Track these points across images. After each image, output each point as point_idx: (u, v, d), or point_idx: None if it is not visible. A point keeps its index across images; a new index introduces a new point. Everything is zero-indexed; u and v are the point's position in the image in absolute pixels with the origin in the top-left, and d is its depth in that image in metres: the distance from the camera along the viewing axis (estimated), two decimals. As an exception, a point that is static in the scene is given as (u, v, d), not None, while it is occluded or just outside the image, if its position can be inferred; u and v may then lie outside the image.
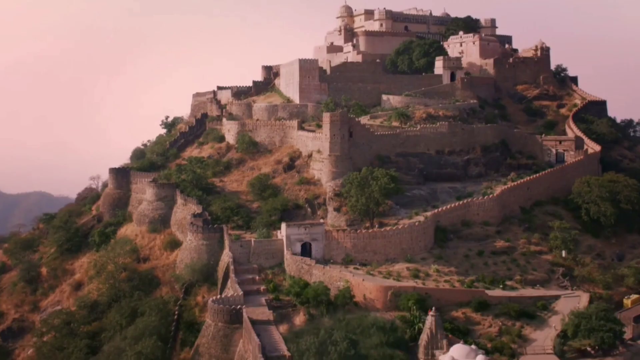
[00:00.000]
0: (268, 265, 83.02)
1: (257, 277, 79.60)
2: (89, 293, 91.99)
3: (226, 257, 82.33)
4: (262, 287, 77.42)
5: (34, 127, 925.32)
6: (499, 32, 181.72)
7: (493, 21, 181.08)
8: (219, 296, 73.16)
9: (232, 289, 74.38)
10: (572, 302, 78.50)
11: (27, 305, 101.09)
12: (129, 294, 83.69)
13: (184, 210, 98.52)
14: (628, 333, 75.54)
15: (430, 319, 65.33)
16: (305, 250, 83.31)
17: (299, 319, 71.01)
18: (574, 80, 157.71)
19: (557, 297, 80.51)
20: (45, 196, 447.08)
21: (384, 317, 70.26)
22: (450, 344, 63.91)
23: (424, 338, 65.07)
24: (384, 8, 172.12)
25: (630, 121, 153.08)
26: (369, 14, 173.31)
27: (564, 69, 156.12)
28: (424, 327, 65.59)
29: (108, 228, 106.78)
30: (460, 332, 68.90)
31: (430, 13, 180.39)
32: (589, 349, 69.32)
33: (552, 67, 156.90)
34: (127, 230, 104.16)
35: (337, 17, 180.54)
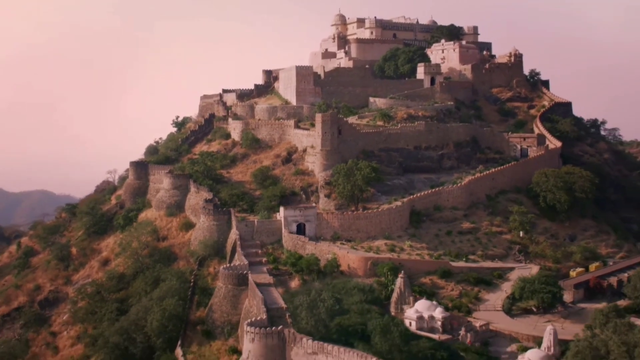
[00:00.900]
0: (269, 241, 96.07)
1: (259, 251, 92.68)
2: (116, 267, 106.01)
3: (233, 234, 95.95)
4: (264, 259, 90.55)
5: (34, 126, 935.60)
6: (481, 38, 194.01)
7: (475, 28, 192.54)
8: (228, 265, 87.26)
9: (239, 260, 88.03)
10: (524, 272, 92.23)
11: (61, 279, 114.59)
12: (151, 266, 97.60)
13: (196, 197, 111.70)
14: (569, 297, 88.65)
15: (399, 281, 79.19)
16: (300, 229, 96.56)
17: (294, 283, 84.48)
18: (546, 83, 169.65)
19: (511, 269, 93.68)
20: (47, 194, 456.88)
21: (364, 281, 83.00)
22: (415, 301, 78.32)
23: (394, 296, 78.86)
24: (375, 17, 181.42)
25: (595, 120, 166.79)
26: (360, 22, 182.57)
27: (537, 73, 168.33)
28: (394, 287, 79.79)
29: (130, 213, 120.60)
30: (427, 294, 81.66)
31: (417, 21, 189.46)
32: (533, 308, 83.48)
33: (527, 71, 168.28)
34: (147, 215, 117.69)
35: (332, 25, 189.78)
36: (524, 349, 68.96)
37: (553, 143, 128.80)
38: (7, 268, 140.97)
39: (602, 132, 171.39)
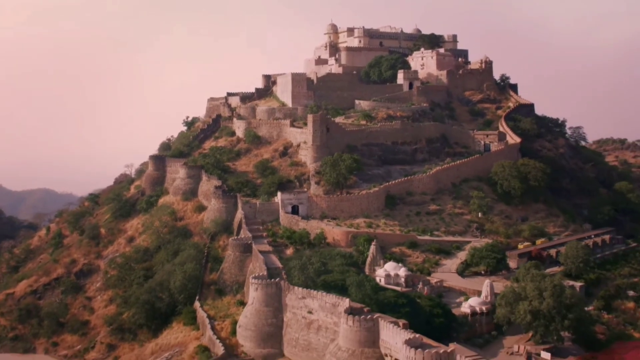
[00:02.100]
0: (268, 220, 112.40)
1: (260, 227, 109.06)
2: (141, 242, 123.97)
3: (239, 214, 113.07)
4: (264, 234, 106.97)
5: (36, 126, 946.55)
6: (459, 46, 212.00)
7: (455, 37, 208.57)
8: (235, 237, 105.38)
9: (244, 234, 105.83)
10: (478, 245, 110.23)
11: (93, 254, 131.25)
12: (171, 241, 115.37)
13: (207, 184, 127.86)
14: (514, 264, 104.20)
15: (372, 247, 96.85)
16: (294, 210, 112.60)
17: (289, 252, 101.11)
18: (514, 87, 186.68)
19: (468, 242, 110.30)
20: (49, 193, 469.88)
21: (345, 250, 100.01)
22: (385, 263, 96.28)
23: (368, 259, 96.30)
24: (363, 27, 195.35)
25: (557, 119, 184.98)
26: (350, 31, 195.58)
27: (507, 78, 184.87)
28: (368, 253, 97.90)
29: (151, 198, 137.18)
30: (396, 260, 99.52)
31: (401, 30, 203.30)
32: (482, 271, 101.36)
33: (498, 76, 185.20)
34: (166, 200, 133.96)
35: (325, 34, 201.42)
36: (468, 299, 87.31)
37: (513, 139, 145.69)
38: (38, 250, 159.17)
39: (567, 130, 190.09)
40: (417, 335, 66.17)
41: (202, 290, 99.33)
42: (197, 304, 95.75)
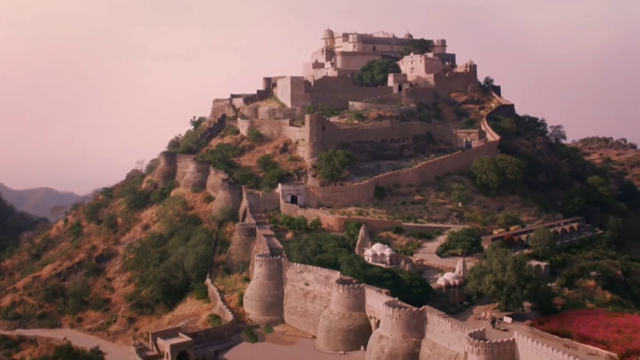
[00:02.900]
0: (270, 208, 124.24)
1: (263, 215, 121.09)
2: (155, 229, 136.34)
3: (244, 203, 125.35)
4: (267, 220, 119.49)
5: (37, 125, 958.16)
6: (448, 50, 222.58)
7: (443, 42, 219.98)
8: (241, 223, 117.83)
9: (249, 220, 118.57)
10: (457, 230, 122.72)
11: (111, 241, 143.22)
12: (183, 227, 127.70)
13: (215, 177, 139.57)
14: (487, 247, 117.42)
15: (361, 231, 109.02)
16: (293, 200, 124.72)
17: (289, 236, 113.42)
18: (497, 89, 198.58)
19: (448, 228, 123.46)
20: (51, 192, 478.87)
21: (338, 234, 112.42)
22: (372, 245, 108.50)
23: (358, 241, 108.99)
24: (357, 33, 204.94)
25: (535, 119, 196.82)
26: (345, 37, 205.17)
27: (491, 80, 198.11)
28: (358, 234, 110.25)
29: (164, 190, 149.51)
30: (382, 243, 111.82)
31: (393, 36, 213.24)
32: (458, 252, 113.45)
33: (482, 78, 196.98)
34: (177, 191, 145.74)
35: (322, 39, 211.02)
36: (444, 274, 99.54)
37: (493, 137, 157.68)
38: (57, 239, 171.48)
39: (548, 129, 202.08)
40: (396, 299, 78.76)
41: (212, 269, 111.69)
42: (208, 280, 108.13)
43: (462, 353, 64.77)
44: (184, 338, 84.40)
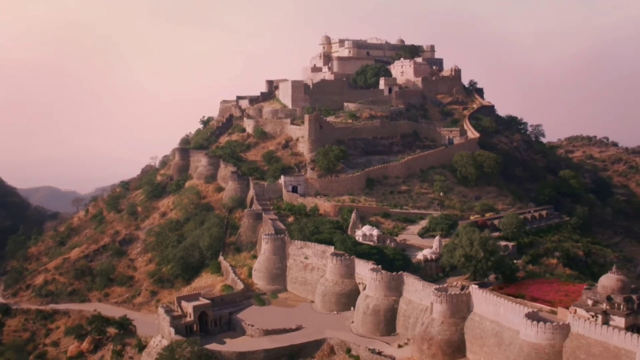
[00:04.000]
0: (274, 197, 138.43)
1: (268, 202, 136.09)
2: (172, 216, 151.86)
3: (251, 192, 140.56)
4: (271, 207, 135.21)
5: (41, 124, 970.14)
6: (436, 55, 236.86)
7: (432, 47, 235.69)
8: (249, 209, 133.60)
9: (255, 207, 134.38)
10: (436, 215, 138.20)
11: (132, 227, 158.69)
12: (198, 213, 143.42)
13: (225, 170, 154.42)
14: None
15: (353, 215, 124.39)
16: (294, 189, 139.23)
17: (290, 220, 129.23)
18: (481, 91, 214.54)
19: (430, 214, 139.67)
20: (53, 191, 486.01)
21: (333, 218, 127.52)
22: (362, 227, 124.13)
23: (350, 224, 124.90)
24: (352, 39, 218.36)
25: (515, 117, 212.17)
26: (341, 42, 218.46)
27: (475, 83, 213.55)
28: (350, 218, 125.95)
29: (179, 182, 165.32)
30: (371, 225, 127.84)
31: (386, 42, 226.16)
32: (437, 234, 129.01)
33: (467, 81, 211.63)
34: (191, 183, 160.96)
35: (320, 44, 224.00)
36: (423, 250, 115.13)
37: (473, 134, 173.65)
38: (79, 227, 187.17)
39: (529, 128, 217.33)
40: (379, 266, 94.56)
41: (224, 248, 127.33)
42: (221, 257, 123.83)
43: (429, 304, 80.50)
44: (203, 301, 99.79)
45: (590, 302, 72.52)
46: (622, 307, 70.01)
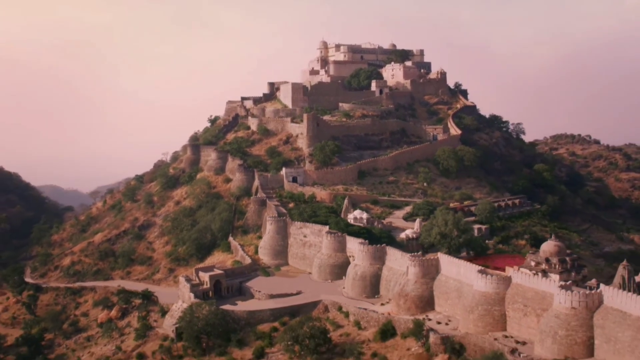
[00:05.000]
0: (276, 186, 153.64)
1: (271, 191, 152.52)
2: (186, 204, 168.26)
3: (256, 183, 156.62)
4: (274, 195, 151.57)
5: (44, 123, 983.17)
6: (425, 59, 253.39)
7: (422, 51, 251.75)
8: (255, 197, 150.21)
9: (260, 195, 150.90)
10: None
11: (149, 214, 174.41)
12: (209, 201, 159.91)
13: (232, 163, 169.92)
14: None
15: (346, 200, 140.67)
16: (294, 180, 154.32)
17: (291, 205, 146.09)
18: (465, 92, 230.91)
19: (414, 202, 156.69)
20: (56, 189, 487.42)
21: (328, 204, 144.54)
22: (354, 211, 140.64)
23: (343, 209, 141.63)
24: (347, 44, 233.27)
25: (497, 116, 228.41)
26: (337, 47, 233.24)
27: (459, 85, 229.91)
28: (343, 204, 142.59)
29: (191, 174, 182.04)
30: (361, 210, 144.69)
31: (378, 46, 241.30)
32: (419, 218, 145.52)
33: (452, 83, 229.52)
34: (202, 175, 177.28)
35: (317, 49, 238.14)
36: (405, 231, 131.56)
37: (455, 131, 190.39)
38: (98, 216, 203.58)
39: (510, 126, 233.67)
40: (366, 241, 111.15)
41: (233, 230, 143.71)
42: (230, 238, 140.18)
43: (406, 268, 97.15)
44: (217, 272, 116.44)
45: (533, 264, 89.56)
46: (557, 267, 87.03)
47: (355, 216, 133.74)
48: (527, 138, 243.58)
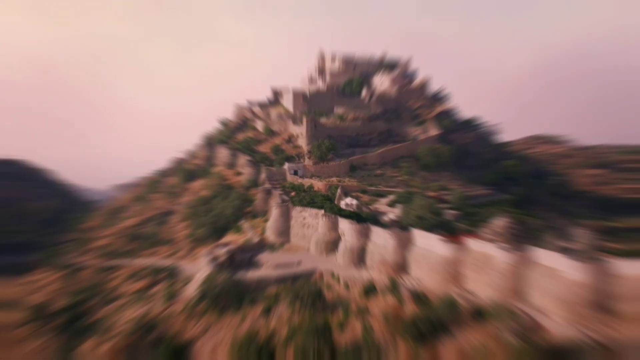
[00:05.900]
0: (280, 179, 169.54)
1: (276, 182, 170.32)
2: (203, 194, 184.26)
3: (263, 176, 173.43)
4: (278, 186, 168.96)
5: (49, 123, 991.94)
6: (412, 67, 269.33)
7: (409, 60, 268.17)
8: (262, 187, 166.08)
9: (267, 186, 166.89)
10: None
11: (171, 202, 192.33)
12: (223, 191, 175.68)
13: (242, 159, 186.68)
14: None
15: (338, 190, 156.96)
16: (295, 173, 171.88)
17: (292, 194, 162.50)
18: (445, 97, 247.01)
19: (397, 191, 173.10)
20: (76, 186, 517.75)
21: (324, 193, 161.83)
22: (345, 198, 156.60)
23: (337, 196, 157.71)
24: (341, 55, 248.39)
25: (472, 119, 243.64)
26: (333, 57, 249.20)
27: (440, 91, 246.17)
28: (337, 192, 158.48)
29: (207, 168, 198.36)
30: (352, 197, 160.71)
31: (370, 57, 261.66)
32: (403, 207, 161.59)
33: (434, 88, 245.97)
34: (216, 169, 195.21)
35: (316, 58, 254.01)
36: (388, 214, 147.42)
37: (435, 132, 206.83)
38: (124, 206, 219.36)
39: (485, 127, 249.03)
40: (354, 221, 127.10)
41: (244, 215, 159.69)
42: (242, 221, 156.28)
43: (385, 241, 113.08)
44: (232, 247, 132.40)
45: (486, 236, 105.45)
46: (504, 237, 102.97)
47: (347, 203, 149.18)
48: (506, 138, 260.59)
